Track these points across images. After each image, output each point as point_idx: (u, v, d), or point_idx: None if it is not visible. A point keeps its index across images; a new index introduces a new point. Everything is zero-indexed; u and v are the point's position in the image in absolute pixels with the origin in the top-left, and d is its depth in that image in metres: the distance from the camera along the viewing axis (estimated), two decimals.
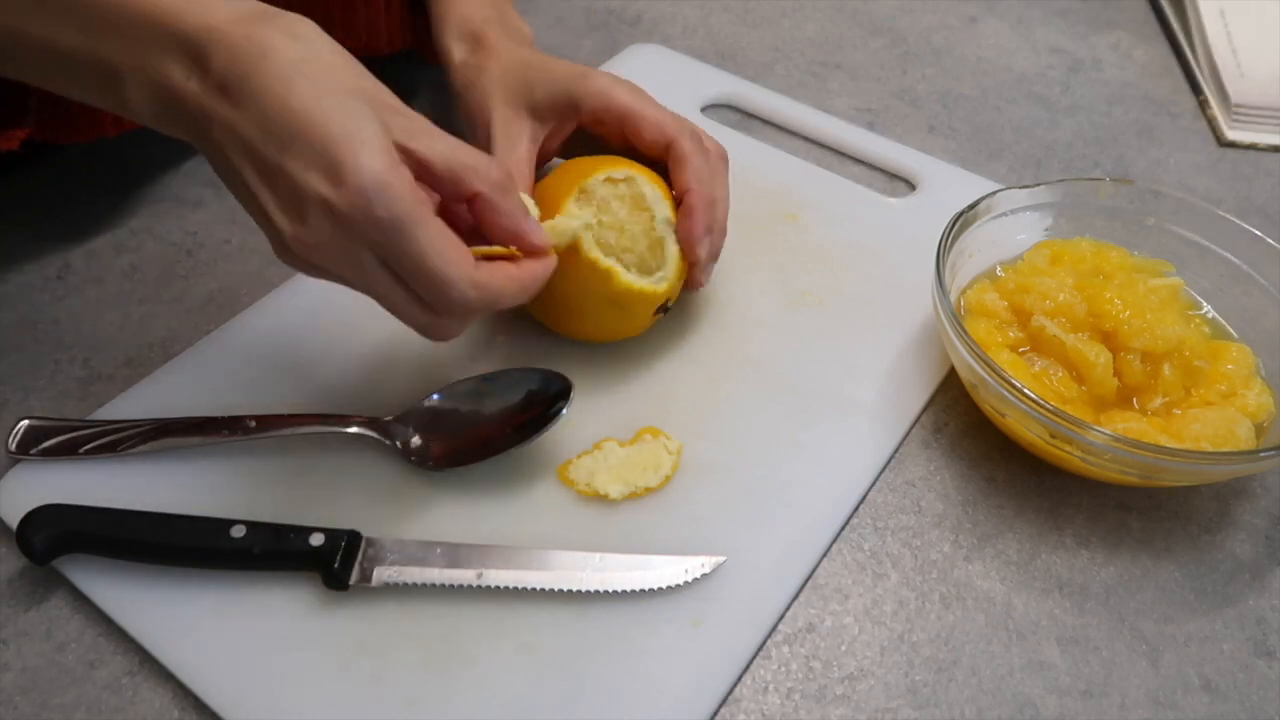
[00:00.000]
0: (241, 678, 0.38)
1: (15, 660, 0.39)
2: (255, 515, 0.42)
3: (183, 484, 0.44)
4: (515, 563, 0.41)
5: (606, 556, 0.41)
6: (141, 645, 0.39)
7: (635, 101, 0.49)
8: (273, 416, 0.45)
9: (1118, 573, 0.45)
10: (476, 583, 0.40)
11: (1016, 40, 0.79)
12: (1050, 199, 0.53)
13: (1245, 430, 0.45)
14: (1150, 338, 0.47)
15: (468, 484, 0.45)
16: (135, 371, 0.49)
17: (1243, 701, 0.41)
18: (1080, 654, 0.42)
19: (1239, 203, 0.65)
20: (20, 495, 0.43)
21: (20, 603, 0.41)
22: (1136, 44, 0.79)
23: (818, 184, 0.62)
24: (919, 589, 0.44)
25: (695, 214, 0.47)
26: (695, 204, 0.47)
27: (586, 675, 0.39)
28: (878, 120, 0.69)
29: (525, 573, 0.41)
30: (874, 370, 0.51)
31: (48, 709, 0.38)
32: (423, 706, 0.38)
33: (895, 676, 0.41)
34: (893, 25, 0.79)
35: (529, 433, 0.44)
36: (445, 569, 0.40)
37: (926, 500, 0.47)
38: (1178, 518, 0.47)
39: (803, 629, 0.42)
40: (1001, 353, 0.47)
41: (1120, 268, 0.51)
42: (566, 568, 0.41)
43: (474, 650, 0.39)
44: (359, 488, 0.44)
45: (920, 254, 0.51)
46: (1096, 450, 0.42)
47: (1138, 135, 0.70)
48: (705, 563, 0.42)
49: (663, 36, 0.76)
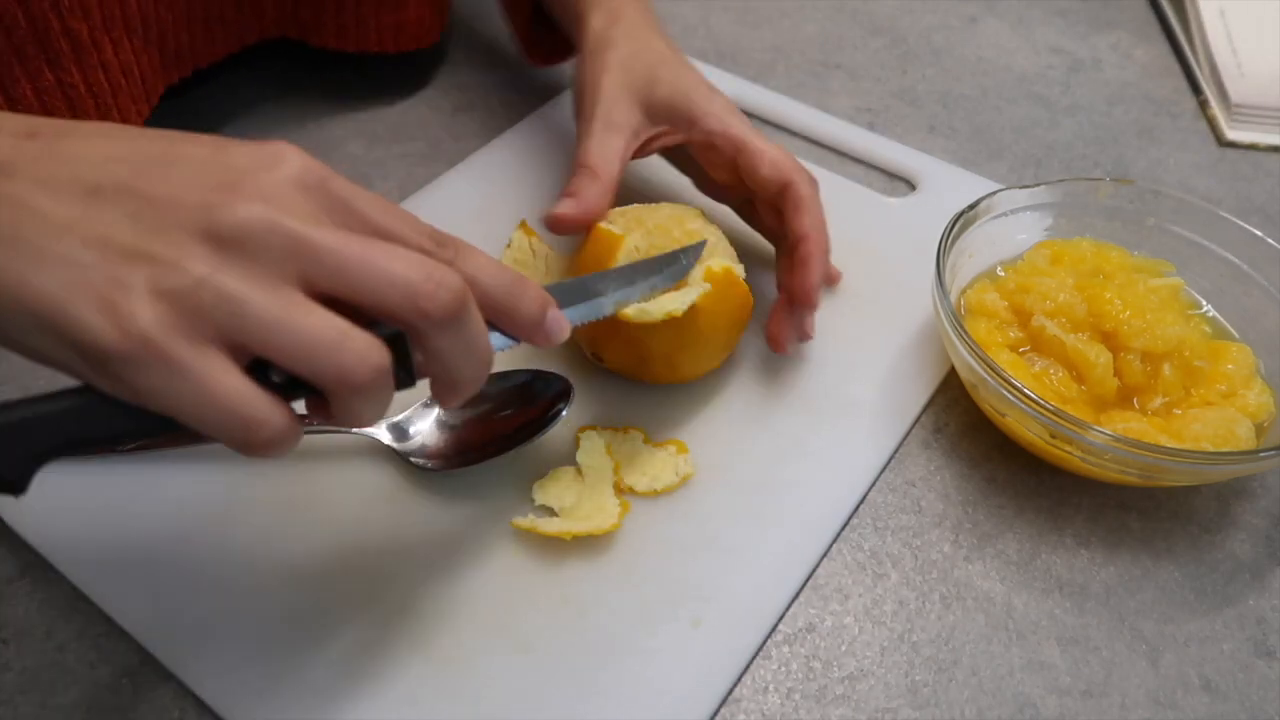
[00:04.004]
0: (241, 677, 0.38)
1: (15, 660, 0.39)
2: (255, 514, 0.42)
3: (183, 484, 0.44)
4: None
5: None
6: (141, 645, 0.39)
7: (753, 135, 0.49)
8: None
9: (1118, 573, 0.45)
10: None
11: (1016, 40, 0.79)
12: (1050, 199, 0.53)
13: (1245, 430, 0.45)
14: (1150, 338, 0.47)
15: (468, 485, 0.45)
16: None
17: (1243, 701, 0.41)
18: (1080, 654, 0.42)
19: (1239, 203, 0.65)
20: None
21: (20, 603, 0.41)
22: (1136, 44, 0.79)
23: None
24: (919, 589, 0.44)
25: (813, 262, 0.47)
26: (813, 252, 0.47)
27: (586, 675, 0.39)
28: (878, 120, 0.69)
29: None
30: (874, 370, 0.51)
31: (48, 709, 0.38)
32: (423, 706, 0.38)
33: (895, 676, 0.41)
34: (893, 25, 0.79)
35: (529, 433, 0.44)
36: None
37: (926, 500, 0.47)
38: (1178, 518, 0.47)
39: (803, 629, 0.42)
40: (1001, 353, 0.47)
41: (1120, 268, 0.51)
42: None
43: (474, 650, 0.39)
44: (359, 489, 0.44)
45: (920, 254, 0.51)
46: (1096, 450, 0.42)
47: (1138, 135, 0.70)
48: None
49: None
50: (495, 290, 0.33)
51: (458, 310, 0.30)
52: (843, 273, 0.55)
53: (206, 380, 0.27)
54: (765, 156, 0.48)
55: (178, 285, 0.26)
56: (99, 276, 0.26)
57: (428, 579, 0.41)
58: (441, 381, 0.32)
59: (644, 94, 0.50)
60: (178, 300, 0.26)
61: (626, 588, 0.42)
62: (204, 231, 0.27)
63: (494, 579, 0.42)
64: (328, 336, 0.28)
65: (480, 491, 0.44)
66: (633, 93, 0.50)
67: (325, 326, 0.28)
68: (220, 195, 0.27)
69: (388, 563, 0.42)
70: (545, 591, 0.41)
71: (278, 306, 0.27)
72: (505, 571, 0.42)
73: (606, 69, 0.50)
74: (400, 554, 0.42)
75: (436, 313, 0.29)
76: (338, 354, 0.28)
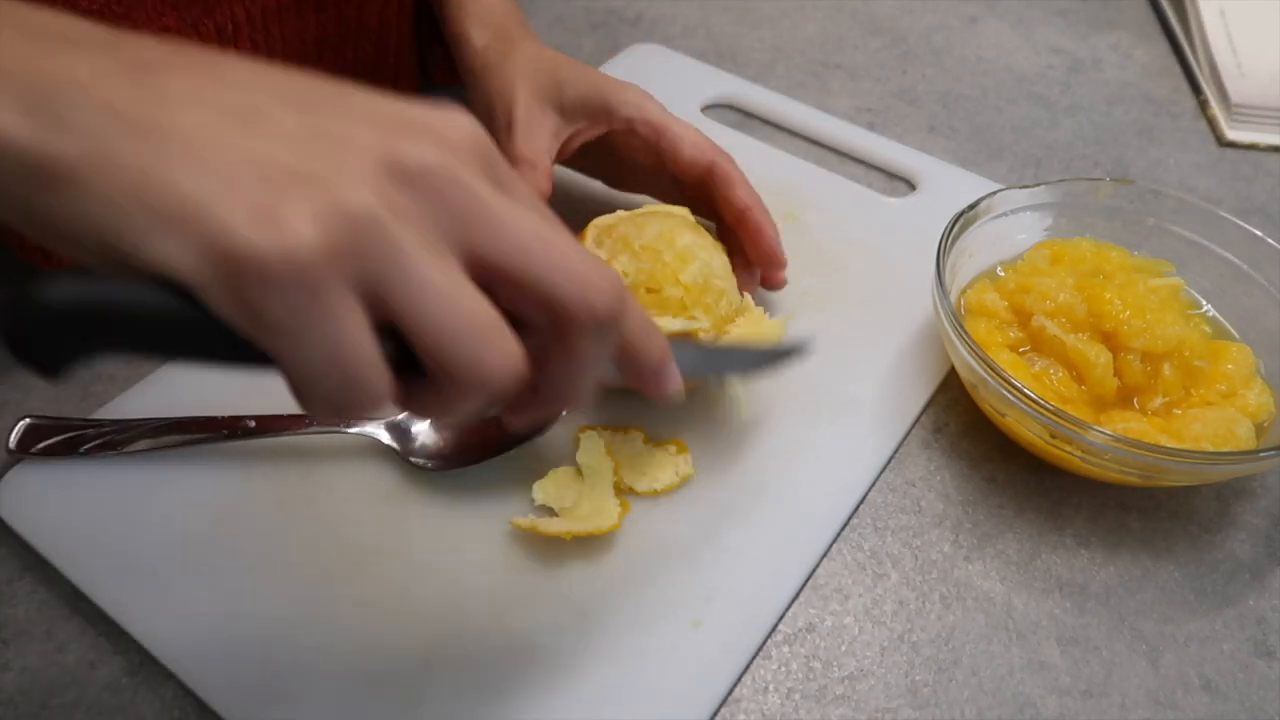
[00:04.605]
0: (241, 678, 0.38)
1: (15, 660, 0.39)
2: (254, 515, 0.42)
3: (183, 484, 0.44)
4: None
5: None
6: (141, 645, 0.39)
7: (671, 119, 0.50)
8: (273, 417, 0.45)
9: (1118, 573, 0.45)
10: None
11: (1016, 40, 0.79)
12: (1050, 199, 0.53)
13: (1245, 430, 0.45)
14: (1150, 338, 0.47)
15: (468, 485, 0.45)
16: (135, 371, 0.49)
17: (1243, 701, 0.41)
18: (1080, 654, 0.42)
19: (1239, 203, 0.65)
20: (20, 495, 0.43)
21: (20, 603, 0.41)
22: (1136, 44, 0.79)
23: (818, 184, 0.62)
24: (919, 589, 0.44)
25: (764, 228, 0.49)
26: (760, 219, 0.49)
27: (586, 675, 0.39)
28: (878, 120, 0.69)
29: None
30: (874, 370, 0.51)
31: (48, 709, 0.38)
32: (424, 706, 0.38)
33: (895, 676, 0.41)
34: (893, 25, 0.79)
35: (529, 433, 0.44)
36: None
37: (926, 500, 0.47)
38: (1178, 518, 0.47)
39: (803, 629, 0.42)
40: (1001, 353, 0.47)
41: (1120, 268, 0.51)
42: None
43: (474, 650, 0.39)
44: (359, 489, 0.44)
45: (920, 254, 0.51)
46: (1096, 450, 0.42)
47: (1138, 135, 0.70)
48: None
49: (663, 36, 0.75)
50: (635, 322, 0.30)
51: (620, 312, 0.27)
52: (843, 273, 0.55)
53: (343, 330, 0.23)
54: (685, 139, 0.49)
55: (348, 208, 0.23)
56: (257, 187, 0.22)
57: (428, 579, 0.41)
58: (556, 389, 0.28)
59: (554, 96, 0.50)
60: (344, 227, 0.23)
61: (626, 588, 0.42)
62: (383, 160, 0.24)
63: (494, 579, 0.42)
64: (480, 326, 0.25)
65: (480, 491, 0.44)
66: (544, 97, 0.50)
67: (481, 314, 0.25)
68: (402, 134, 0.24)
69: (388, 562, 0.42)
70: (545, 591, 0.41)
71: (443, 278, 0.24)
72: (505, 571, 0.42)
73: (510, 80, 0.51)
74: (400, 554, 0.42)
75: (603, 310, 0.26)
76: (484, 349, 0.25)
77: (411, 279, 0.23)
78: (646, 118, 0.50)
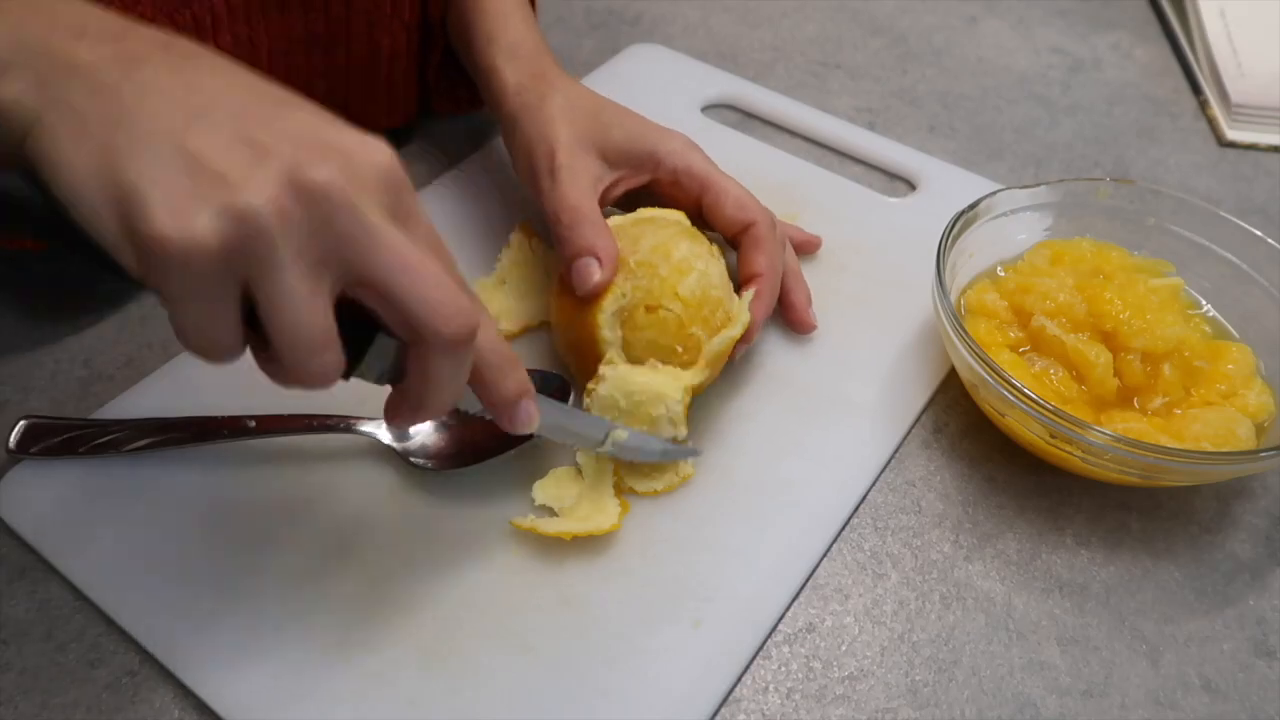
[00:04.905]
0: (241, 677, 0.38)
1: (15, 660, 0.39)
2: (255, 514, 0.42)
3: (183, 484, 0.44)
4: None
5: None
6: (141, 645, 0.39)
7: (716, 171, 0.50)
8: (273, 417, 0.45)
9: (1118, 573, 0.45)
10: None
11: (1016, 40, 0.79)
12: (1050, 199, 0.53)
13: (1245, 430, 0.45)
14: (1150, 338, 0.47)
15: (468, 485, 0.45)
16: (135, 371, 0.49)
17: (1243, 701, 0.41)
18: (1080, 654, 0.42)
19: (1239, 203, 0.65)
20: (20, 495, 0.43)
21: (20, 603, 0.41)
22: (1136, 44, 0.79)
23: (818, 184, 0.62)
24: (919, 589, 0.44)
25: (762, 299, 0.48)
26: (764, 289, 0.48)
27: (586, 675, 0.39)
28: (878, 120, 0.69)
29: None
30: (874, 370, 0.51)
31: (48, 709, 0.38)
32: (423, 706, 0.38)
33: (895, 676, 0.41)
34: (893, 25, 0.79)
35: (527, 434, 0.44)
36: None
37: (926, 500, 0.47)
38: (1178, 518, 0.47)
39: (803, 629, 0.42)
40: (1001, 353, 0.47)
41: (1120, 268, 0.51)
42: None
43: (474, 650, 0.39)
44: (359, 489, 0.44)
45: (920, 254, 0.51)
46: (1096, 450, 0.42)
47: (1138, 135, 0.70)
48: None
49: (663, 36, 0.75)
50: (490, 357, 0.35)
51: (468, 341, 0.32)
52: (843, 273, 0.55)
53: (213, 310, 0.29)
54: (730, 195, 0.49)
55: (246, 213, 0.27)
56: (184, 181, 0.28)
57: (428, 579, 0.41)
58: (413, 399, 0.34)
59: (598, 141, 0.49)
60: (237, 229, 0.27)
61: (626, 588, 0.42)
62: (291, 176, 0.28)
63: (494, 579, 0.42)
64: (313, 339, 0.30)
65: (480, 491, 0.44)
66: (588, 142, 0.49)
67: (318, 329, 0.30)
68: (316, 154, 0.29)
69: (388, 563, 0.42)
70: (545, 591, 0.41)
71: (302, 288, 0.29)
72: (505, 571, 0.42)
73: (551, 122, 0.49)
74: (400, 554, 0.42)
75: (448, 335, 0.31)
76: (310, 358, 0.30)
77: (277, 286, 0.28)
78: (691, 169, 0.49)
